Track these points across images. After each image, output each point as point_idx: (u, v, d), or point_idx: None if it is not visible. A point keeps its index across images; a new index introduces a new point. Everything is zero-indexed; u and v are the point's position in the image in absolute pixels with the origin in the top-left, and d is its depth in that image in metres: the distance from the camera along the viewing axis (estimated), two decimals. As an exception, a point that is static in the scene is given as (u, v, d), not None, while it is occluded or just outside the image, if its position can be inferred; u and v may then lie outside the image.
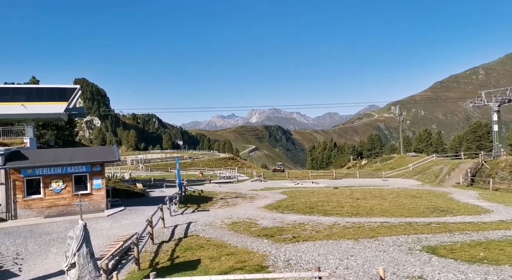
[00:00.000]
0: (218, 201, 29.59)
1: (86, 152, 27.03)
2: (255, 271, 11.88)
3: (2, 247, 16.04)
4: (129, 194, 32.96)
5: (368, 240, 15.31)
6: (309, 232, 17.32)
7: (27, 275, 12.86)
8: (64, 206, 22.66)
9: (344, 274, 11.28)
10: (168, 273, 12.00)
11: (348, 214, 22.02)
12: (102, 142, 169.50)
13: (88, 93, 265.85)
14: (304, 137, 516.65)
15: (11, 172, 21.71)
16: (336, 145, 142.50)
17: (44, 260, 14.49)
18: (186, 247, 15.43)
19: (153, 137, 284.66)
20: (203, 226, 19.35)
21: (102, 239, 16.58)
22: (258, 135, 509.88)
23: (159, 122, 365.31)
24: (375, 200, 27.60)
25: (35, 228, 19.31)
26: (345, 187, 39.74)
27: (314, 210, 23.75)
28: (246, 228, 18.80)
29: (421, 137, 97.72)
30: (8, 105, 30.73)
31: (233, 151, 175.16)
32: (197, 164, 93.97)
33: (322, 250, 14.12)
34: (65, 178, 22.88)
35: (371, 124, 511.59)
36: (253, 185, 45.58)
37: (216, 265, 12.84)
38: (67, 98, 32.47)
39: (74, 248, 8.79)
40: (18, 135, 29.45)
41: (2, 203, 21.47)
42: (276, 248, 14.72)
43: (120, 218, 21.75)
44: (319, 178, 56.85)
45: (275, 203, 27.43)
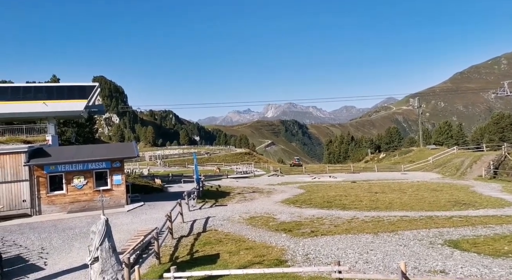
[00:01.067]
0: (235, 196, 29.73)
1: (106, 148, 27.53)
2: (274, 265, 11.93)
3: (28, 242, 16.54)
4: (148, 189, 33.45)
5: (387, 234, 15.14)
6: (328, 227, 17.24)
7: (52, 268, 13.23)
8: (86, 201, 23.17)
9: (364, 268, 11.20)
10: (188, 267, 12.16)
11: (367, 208, 21.81)
12: (121, 139, 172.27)
13: (107, 91, 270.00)
14: (321, 131, 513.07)
15: (34, 168, 22.31)
16: (353, 138, 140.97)
17: (68, 254, 14.88)
18: (205, 241, 15.59)
19: (170, 133, 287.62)
20: (221, 221, 19.50)
21: (123, 234, 16.89)
22: (274, 129, 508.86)
23: (175, 118, 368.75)
24: (394, 194, 27.23)
25: (59, 223, 19.82)
26: (363, 181, 39.32)
27: (332, 204, 23.61)
28: (264, 222, 18.85)
29: (441, 129, 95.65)
30: (31, 104, 31.49)
31: (249, 146, 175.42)
32: (214, 159, 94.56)
33: (341, 244, 14.04)
34: (86, 174, 23.37)
35: (389, 117, 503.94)
36: (270, 180, 45.58)
37: (235, 259, 12.93)
38: (87, 96, 33.04)
39: (97, 243, 8.97)
40: (40, 133, 30.20)
41: (26, 199, 22.11)
42: (295, 242, 14.71)
43: (140, 213, 22.11)
44: (336, 172, 56.42)
45: (293, 198, 27.38)
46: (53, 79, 51.54)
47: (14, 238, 17.16)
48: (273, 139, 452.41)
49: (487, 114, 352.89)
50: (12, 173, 21.96)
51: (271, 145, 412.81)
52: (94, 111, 38.08)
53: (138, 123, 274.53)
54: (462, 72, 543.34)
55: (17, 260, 14.33)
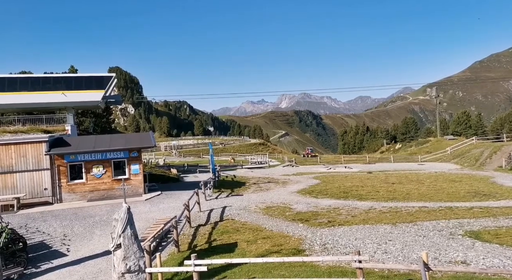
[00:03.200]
0: (251, 186, 29.83)
1: (123, 138, 27.87)
2: (292, 254, 11.97)
3: (51, 229, 16.98)
4: (165, 179, 33.86)
5: (406, 224, 15.00)
6: (345, 217, 17.17)
7: (75, 255, 13.59)
8: (105, 190, 23.58)
9: (383, 259, 11.14)
10: (207, 255, 12.30)
11: (384, 198, 21.62)
12: (136, 129, 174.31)
13: (122, 81, 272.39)
14: (335, 122, 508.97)
15: (55, 157, 22.78)
16: (368, 129, 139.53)
17: (90, 241, 15.24)
18: (222, 230, 15.73)
19: (184, 123, 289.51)
20: (238, 210, 19.62)
21: (142, 222, 17.19)
22: (288, 120, 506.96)
23: (190, 108, 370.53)
24: (412, 185, 26.90)
25: (79, 211, 20.27)
26: (379, 172, 38.96)
27: (349, 194, 23.48)
28: (280, 212, 18.89)
29: (459, 119, 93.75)
30: (50, 94, 32.10)
31: (263, 136, 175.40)
32: (228, 149, 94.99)
33: (359, 234, 13.98)
34: (105, 164, 23.75)
35: (405, 107, 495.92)
36: (285, 170, 45.57)
37: (253, 248, 13.02)
38: (104, 86, 33.46)
39: (119, 230, 9.13)
40: (59, 123, 30.76)
41: (48, 187, 22.64)
42: (312, 232, 14.71)
43: (158, 202, 22.41)
44: (351, 162, 56.02)
45: (308, 188, 27.33)
46: (71, 69, 52.22)
47: (37, 225, 17.63)
48: (287, 129, 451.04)
49: (507, 104, 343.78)
50: (34, 162, 22.48)
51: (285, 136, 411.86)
52: (111, 102, 38.65)
53: (153, 113, 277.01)
54: (481, 61, 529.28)
55: (40, 246, 14.75)
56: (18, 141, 22.61)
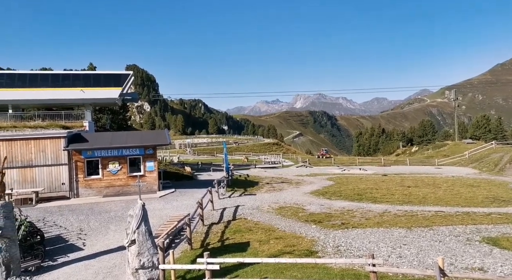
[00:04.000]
0: (264, 185, 29.82)
1: (139, 135, 28.22)
2: (304, 255, 11.91)
3: (67, 223, 17.31)
4: (179, 176, 34.13)
5: (421, 229, 14.76)
6: (359, 219, 17.00)
7: (91, 249, 13.81)
8: (120, 186, 23.92)
9: (398, 263, 10.99)
10: (219, 253, 12.34)
11: (399, 202, 21.32)
12: (152, 126, 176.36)
13: (139, 79, 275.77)
14: (350, 123, 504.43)
15: (73, 153, 23.22)
16: (384, 131, 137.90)
17: (105, 236, 15.46)
18: (235, 229, 15.76)
19: (199, 122, 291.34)
20: (251, 210, 19.63)
21: (156, 219, 17.36)
22: (303, 120, 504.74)
23: (205, 107, 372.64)
24: (428, 188, 26.45)
25: (95, 206, 20.60)
26: (395, 175, 38.45)
27: (363, 197, 23.24)
28: (293, 213, 18.82)
29: (478, 123, 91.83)
30: (69, 90, 32.77)
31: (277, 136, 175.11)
32: (242, 149, 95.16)
33: (373, 237, 13.82)
34: (120, 160, 24.08)
35: (422, 109, 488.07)
36: (299, 171, 45.40)
37: (265, 248, 13.01)
38: (121, 84, 33.96)
39: (134, 226, 9.25)
40: (77, 119, 31.34)
41: (65, 182, 23.09)
42: (325, 234, 14.62)
43: (171, 200, 22.60)
44: (366, 164, 55.44)
45: (322, 189, 27.16)
46: (90, 67, 53.15)
47: (55, 219, 17.99)
48: (301, 130, 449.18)
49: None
50: (53, 157, 22.95)
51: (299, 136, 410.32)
52: (128, 99, 39.21)
53: (168, 111, 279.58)
54: (503, 64, 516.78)
55: (57, 240, 15.05)
56: (38, 136, 23.13)
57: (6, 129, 24.27)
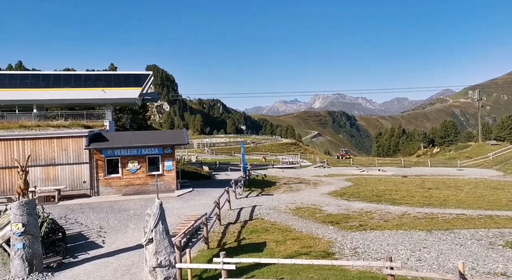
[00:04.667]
0: (281, 186, 29.75)
1: (158, 135, 28.62)
2: (321, 257, 11.82)
3: (88, 221, 17.70)
4: (197, 176, 34.41)
5: (442, 232, 14.42)
6: (377, 221, 16.75)
7: (110, 247, 14.08)
8: (139, 185, 24.29)
9: (417, 266, 10.78)
10: (235, 253, 12.37)
11: (419, 204, 20.89)
12: (171, 126, 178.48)
13: (159, 79, 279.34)
14: (370, 123, 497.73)
15: (94, 152, 23.72)
16: (404, 131, 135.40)
17: (124, 234, 15.74)
18: (251, 229, 15.77)
19: (217, 121, 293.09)
20: (268, 210, 19.61)
21: (174, 218, 17.55)
22: (321, 120, 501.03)
23: (223, 107, 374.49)
24: (450, 191, 25.84)
25: (115, 205, 20.99)
26: (415, 176, 37.72)
27: (382, 198, 22.89)
28: (310, 213, 18.70)
29: (503, 124, 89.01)
30: (91, 90, 33.53)
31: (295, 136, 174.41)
32: (259, 149, 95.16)
33: (392, 240, 13.59)
34: (140, 159, 24.45)
35: (444, 110, 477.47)
36: (316, 171, 45.10)
37: (282, 248, 12.97)
38: (141, 84, 34.50)
39: (151, 225, 9.37)
40: (98, 118, 31.98)
41: (87, 181, 23.61)
42: (342, 235, 14.46)
43: (189, 199, 22.81)
44: (386, 165, 54.61)
45: (340, 190, 26.90)
46: (111, 67, 54.20)
47: (76, 216, 18.42)
48: (320, 130, 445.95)
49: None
50: (74, 156, 23.51)
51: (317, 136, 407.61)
52: (147, 99, 39.78)
53: (187, 111, 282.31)
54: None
55: (78, 237, 15.41)
56: (61, 135, 23.73)
57: (30, 128, 24.97)
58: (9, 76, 34.87)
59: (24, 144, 22.93)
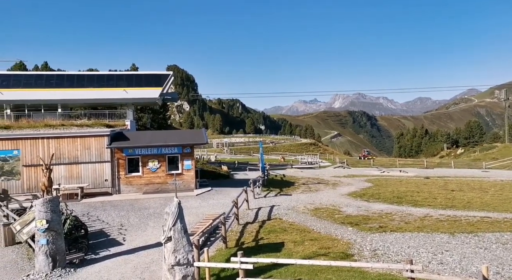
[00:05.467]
0: (300, 186, 29.59)
1: (178, 134, 28.94)
2: (340, 258, 11.68)
3: (109, 218, 18.06)
4: (215, 175, 34.63)
5: (465, 235, 14.02)
6: (398, 223, 16.44)
7: (130, 244, 14.33)
8: (159, 184, 24.62)
9: (439, 270, 10.52)
10: (253, 253, 12.36)
11: (442, 206, 20.39)
12: (191, 126, 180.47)
13: (179, 79, 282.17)
14: (391, 123, 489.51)
15: (115, 151, 24.19)
16: (427, 132, 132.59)
17: (144, 232, 15.98)
18: (269, 229, 15.74)
19: (236, 121, 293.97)
20: (286, 210, 19.53)
21: (192, 217, 17.70)
22: (341, 120, 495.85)
23: (242, 106, 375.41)
24: (474, 193, 25.11)
25: (135, 203, 21.35)
26: (438, 177, 36.84)
27: (403, 200, 22.46)
28: (329, 214, 18.53)
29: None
30: (113, 90, 34.24)
31: (314, 136, 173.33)
32: (278, 148, 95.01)
33: (413, 242, 13.31)
34: (159, 158, 24.79)
35: (469, 110, 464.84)
36: (336, 172, 44.66)
37: (300, 249, 12.89)
38: (162, 84, 34.98)
39: (170, 223, 9.47)
40: (120, 118, 32.59)
41: (108, 179, 24.10)
42: (362, 236, 14.26)
43: (208, 198, 22.97)
44: (407, 166, 53.58)
45: (360, 191, 26.55)
46: (133, 67, 55.19)
47: (98, 214, 18.84)
48: (340, 130, 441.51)
49: None
50: (97, 154, 24.05)
51: (337, 136, 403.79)
52: (167, 99, 40.30)
53: (206, 111, 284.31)
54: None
55: (100, 234, 15.74)
56: (84, 134, 24.32)
57: (55, 127, 25.67)
58: (35, 76, 36.00)
59: (49, 143, 23.61)
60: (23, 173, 23.31)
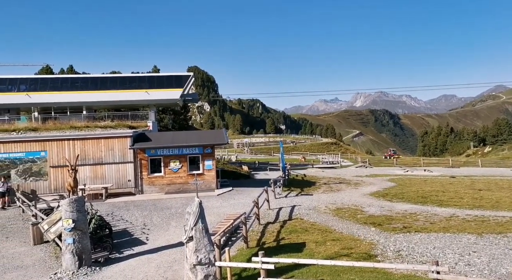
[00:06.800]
0: (321, 186, 29.32)
1: (198, 135, 29.21)
2: (363, 259, 11.50)
3: (133, 218, 18.39)
4: (236, 175, 34.75)
5: (494, 236, 13.54)
6: (422, 223, 16.05)
7: (153, 244, 14.53)
8: (181, 184, 24.90)
9: (466, 271, 10.19)
10: (275, 253, 12.31)
11: (469, 206, 19.78)
12: (211, 126, 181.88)
13: (199, 80, 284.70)
14: (415, 122, 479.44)
15: (138, 151, 24.62)
16: (453, 130, 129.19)
17: (166, 231, 16.19)
18: (291, 229, 15.65)
19: (257, 121, 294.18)
20: (307, 210, 19.38)
21: (213, 217, 17.80)
22: (363, 119, 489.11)
23: (262, 107, 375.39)
24: (503, 192, 24.25)
25: (158, 203, 21.65)
26: (464, 177, 35.80)
27: (428, 200, 21.91)
28: (351, 214, 18.27)
29: None
30: (135, 92, 34.92)
31: (335, 136, 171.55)
32: (299, 148, 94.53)
33: (438, 243, 12.96)
34: (181, 159, 25.07)
35: (497, 107, 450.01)
36: (358, 171, 44.05)
37: (321, 249, 12.76)
38: (183, 85, 35.43)
39: (191, 223, 9.54)
40: (142, 119, 33.19)
41: (131, 179, 24.55)
42: (385, 237, 13.99)
43: (229, 198, 23.05)
44: (432, 165, 52.30)
45: (382, 191, 26.08)
46: (154, 69, 56.07)
47: (121, 213, 19.21)
48: (361, 129, 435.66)
49: None
50: (120, 155, 24.54)
51: (359, 136, 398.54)
52: (188, 99, 40.77)
53: (227, 111, 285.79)
54: None
55: (124, 233, 16.04)
56: (107, 135, 24.86)
57: (80, 129, 26.35)
58: (61, 79, 37.09)
59: (74, 144, 24.26)
60: (50, 173, 24.03)
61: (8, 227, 17.56)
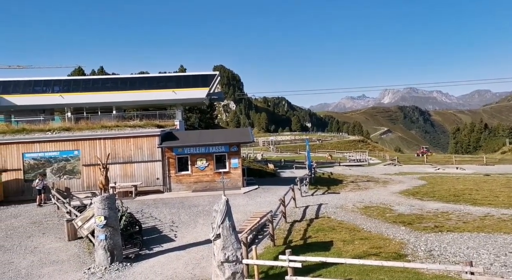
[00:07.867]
0: (348, 184, 28.92)
1: (224, 133, 29.43)
2: (392, 258, 11.26)
3: (161, 215, 18.76)
4: (262, 173, 34.78)
5: (532, 237, 12.93)
6: (455, 222, 15.53)
7: (181, 241, 14.78)
8: (207, 182, 25.19)
9: (502, 272, 9.79)
10: (301, 252, 12.24)
11: (505, 205, 18.97)
12: (237, 124, 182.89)
13: (225, 79, 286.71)
14: (446, 118, 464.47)
15: (166, 150, 25.09)
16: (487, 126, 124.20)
17: (193, 229, 16.42)
18: (317, 228, 15.52)
19: (282, 119, 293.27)
20: (334, 209, 19.16)
21: (240, 214, 17.90)
22: (391, 116, 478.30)
23: (288, 104, 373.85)
24: (541, 191, 23.12)
25: (185, 200, 21.99)
26: (499, 175, 34.37)
27: (460, 198, 21.18)
28: (379, 213, 17.92)
29: None
30: (163, 92, 35.62)
31: (363, 133, 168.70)
32: (325, 146, 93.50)
33: (472, 243, 12.51)
34: (207, 157, 25.35)
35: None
36: (386, 169, 43.15)
37: (350, 248, 12.58)
38: (208, 84, 35.80)
39: (218, 221, 9.63)
40: (170, 118, 33.80)
41: (159, 177, 25.05)
42: (415, 236, 13.64)
43: (255, 196, 23.11)
44: (464, 163, 50.50)
45: (412, 189, 25.43)
46: (181, 69, 56.92)
47: (151, 211, 19.64)
48: (390, 126, 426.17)
49: None
50: (148, 154, 25.09)
51: (387, 133, 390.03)
52: (214, 98, 41.18)
53: (252, 109, 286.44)
54: None
55: (153, 230, 16.39)
56: (136, 134, 25.47)
57: (110, 128, 27.10)
58: (92, 81, 38.28)
59: (105, 143, 25.00)
60: (83, 172, 24.88)
61: (44, 223, 18.32)
